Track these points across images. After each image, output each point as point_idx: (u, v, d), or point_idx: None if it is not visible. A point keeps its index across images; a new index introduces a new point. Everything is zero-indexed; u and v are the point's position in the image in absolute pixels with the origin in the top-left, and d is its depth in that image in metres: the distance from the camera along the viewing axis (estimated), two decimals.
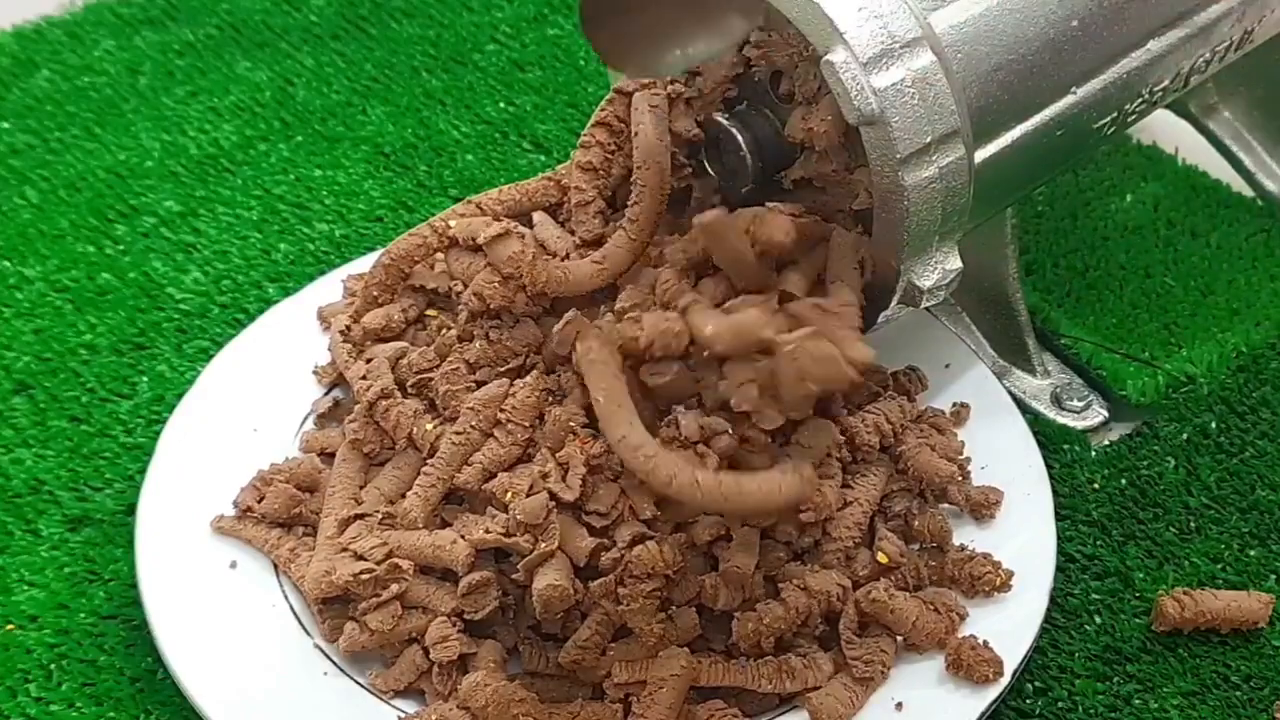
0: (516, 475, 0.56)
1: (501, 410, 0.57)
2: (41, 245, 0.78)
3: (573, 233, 0.61)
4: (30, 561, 0.62)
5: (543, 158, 0.84)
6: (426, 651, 0.55)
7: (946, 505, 0.60)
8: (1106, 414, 0.69)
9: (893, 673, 0.55)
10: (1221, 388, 0.70)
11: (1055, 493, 0.62)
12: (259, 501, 0.60)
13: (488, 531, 0.55)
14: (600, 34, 0.62)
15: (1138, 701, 0.58)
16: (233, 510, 0.60)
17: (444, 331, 0.61)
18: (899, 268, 0.57)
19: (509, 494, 0.55)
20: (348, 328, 0.65)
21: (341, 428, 0.62)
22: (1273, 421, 0.69)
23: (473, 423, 0.57)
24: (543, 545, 0.53)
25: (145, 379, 0.70)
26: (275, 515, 0.59)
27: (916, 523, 0.59)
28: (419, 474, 0.58)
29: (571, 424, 0.56)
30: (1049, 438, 0.67)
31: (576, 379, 0.57)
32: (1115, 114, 0.62)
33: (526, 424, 0.57)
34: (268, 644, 0.56)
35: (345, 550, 0.56)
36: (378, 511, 0.57)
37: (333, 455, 0.61)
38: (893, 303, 0.58)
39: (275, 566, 0.59)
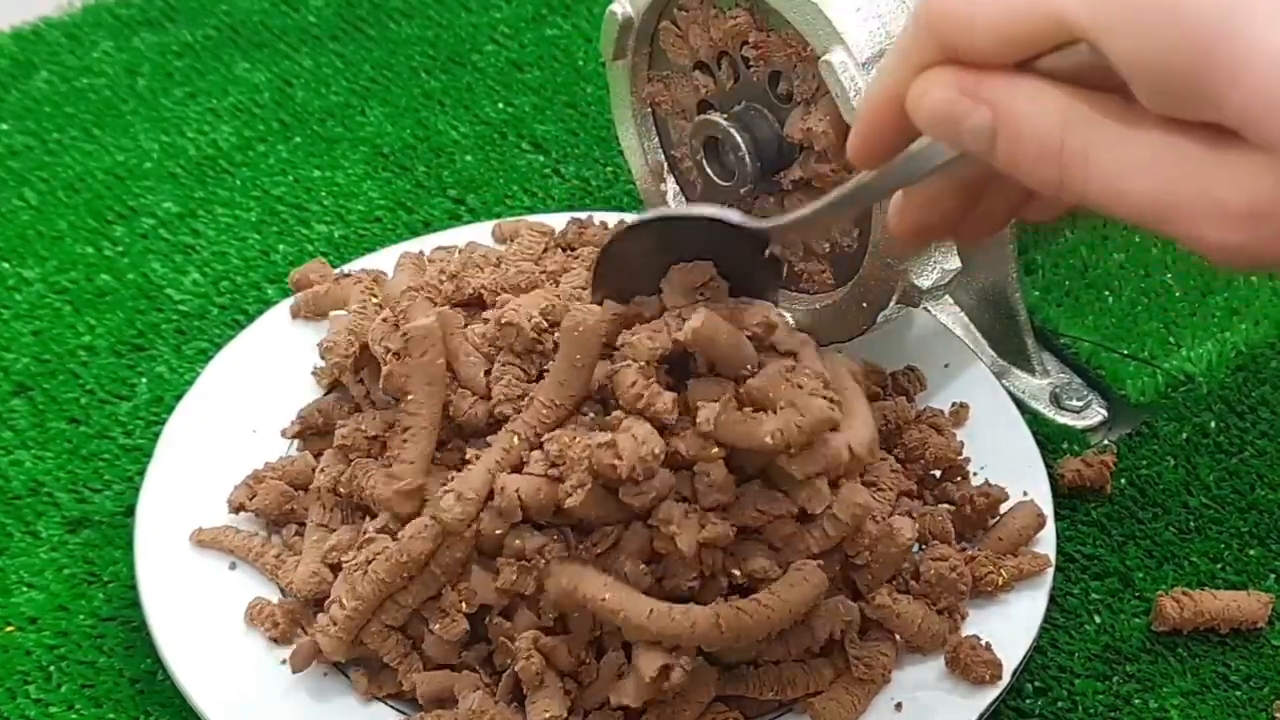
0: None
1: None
2: (40, 246, 0.78)
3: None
4: (29, 563, 0.62)
5: (541, 158, 0.84)
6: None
7: (947, 505, 0.60)
8: (1106, 413, 0.69)
9: (892, 673, 0.55)
10: (1221, 387, 0.70)
11: (1055, 492, 0.62)
12: (251, 499, 0.60)
13: None
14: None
15: (1138, 701, 0.58)
16: (227, 508, 0.60)
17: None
18: (897, 268, 0.57)
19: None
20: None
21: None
22: (1272, 421, 0.69)
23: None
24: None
25: (144, 380, 0.70)
26: (267, 512, 0.59)
27: (919, 524, 0.58)
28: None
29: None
30: (1049, 438, 0.67)
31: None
32: None
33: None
34: (267, 645, 0.56)
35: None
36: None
37: None
38: (891, 302, 0.58)
39: None
